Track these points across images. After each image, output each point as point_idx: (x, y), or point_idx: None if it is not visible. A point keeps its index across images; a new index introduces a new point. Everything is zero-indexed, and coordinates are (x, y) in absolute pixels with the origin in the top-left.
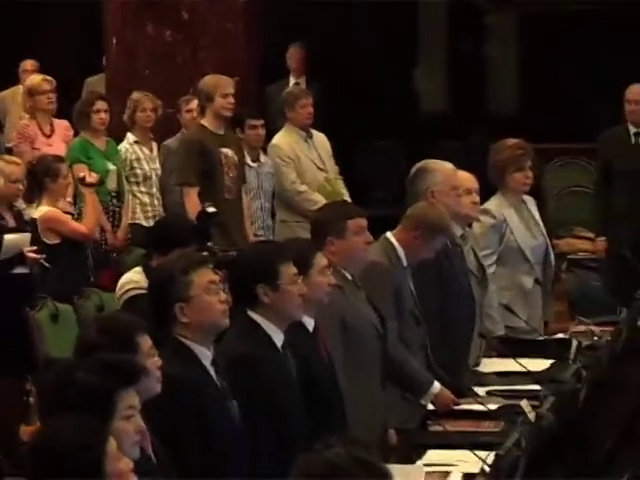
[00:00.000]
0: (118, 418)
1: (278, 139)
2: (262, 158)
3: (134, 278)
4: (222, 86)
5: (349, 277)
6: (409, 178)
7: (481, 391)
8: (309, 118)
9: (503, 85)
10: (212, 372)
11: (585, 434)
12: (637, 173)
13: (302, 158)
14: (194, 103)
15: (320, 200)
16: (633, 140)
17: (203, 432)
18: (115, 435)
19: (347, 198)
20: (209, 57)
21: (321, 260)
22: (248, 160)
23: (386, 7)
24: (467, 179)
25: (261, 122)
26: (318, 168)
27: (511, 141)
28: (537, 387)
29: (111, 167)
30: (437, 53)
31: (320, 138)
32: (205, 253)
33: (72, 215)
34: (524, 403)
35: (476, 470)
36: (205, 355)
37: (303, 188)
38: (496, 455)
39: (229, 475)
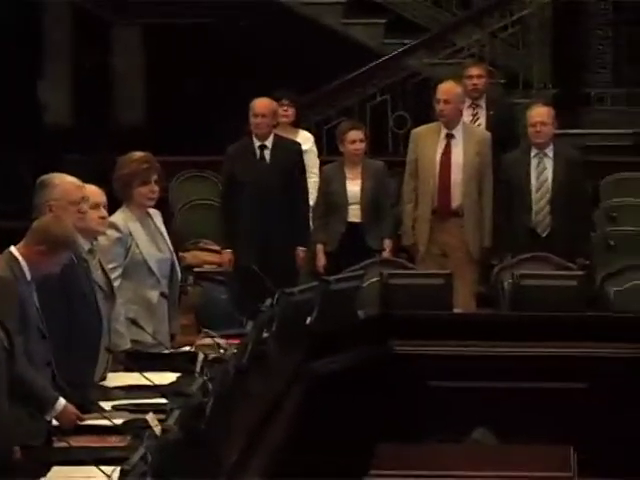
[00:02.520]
0: None
1: None
2: None
3: None
4: None
5: None
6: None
7: (107, 406)
8: None
9: (129, 97)
10: None
11: (212, 445)
12: (261, 186)
13: None
14: None
15: None
16: (258, 154)
17: None
18: None
19: None
20: None
21: None
22: None
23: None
24: (94, 193)
25: None
26: None
27: (137, 154)
28: (163, 401)
29: None
30: (61, 65)
31: None
32: None
33: None
34: (150, 417)
35: None
36: None
37: None
38: (121, 470)
39: None
